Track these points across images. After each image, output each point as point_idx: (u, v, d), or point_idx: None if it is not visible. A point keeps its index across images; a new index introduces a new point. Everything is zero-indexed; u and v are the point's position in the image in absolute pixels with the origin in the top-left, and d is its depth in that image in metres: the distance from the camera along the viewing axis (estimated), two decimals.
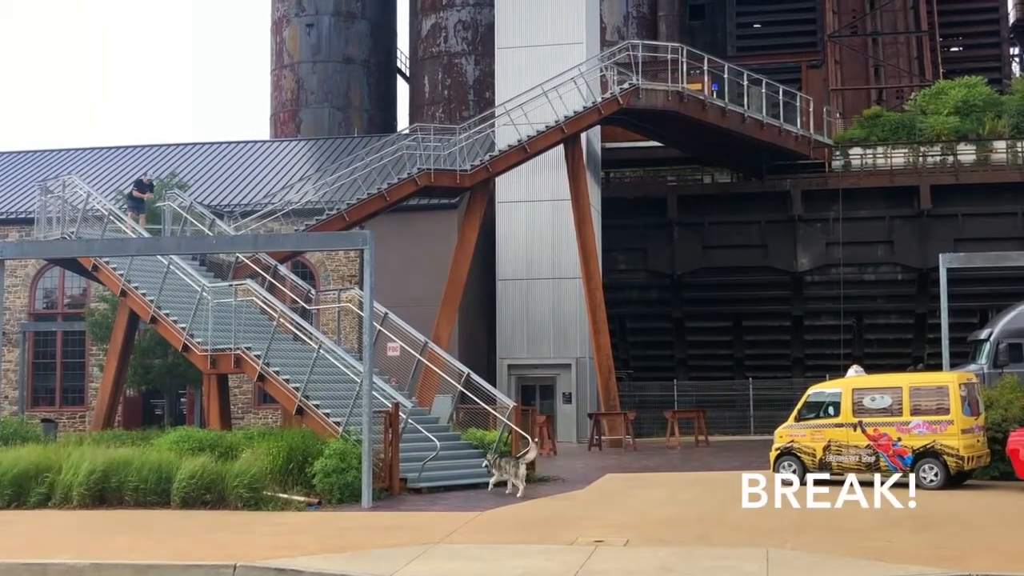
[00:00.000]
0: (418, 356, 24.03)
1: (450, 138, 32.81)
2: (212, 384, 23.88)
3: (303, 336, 23.40)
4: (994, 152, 38.25)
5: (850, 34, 49.08)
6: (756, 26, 54.78)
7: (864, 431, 19.24)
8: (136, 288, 25.42)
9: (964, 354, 29.64)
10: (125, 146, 45.01)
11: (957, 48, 54.04)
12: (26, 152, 45.12)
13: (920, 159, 38.52)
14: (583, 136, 34.12)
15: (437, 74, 48.91)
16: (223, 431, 21.82)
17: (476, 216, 32.70)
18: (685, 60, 34.30)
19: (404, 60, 55.28)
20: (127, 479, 17.91)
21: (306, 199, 33.73)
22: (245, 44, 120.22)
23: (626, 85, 33.13)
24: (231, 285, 24.05)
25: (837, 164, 39.05)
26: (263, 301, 24.01)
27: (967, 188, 37.55)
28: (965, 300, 34.19)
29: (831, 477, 18.07)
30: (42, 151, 45.15)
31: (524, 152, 32.57)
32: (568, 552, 13.18)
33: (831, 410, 19.75)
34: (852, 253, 38.01)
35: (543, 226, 36.10)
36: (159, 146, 44.63)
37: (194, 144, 44.62)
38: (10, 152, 45.16)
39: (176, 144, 44.68)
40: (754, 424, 36.47)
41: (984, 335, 28.91)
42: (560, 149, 33.35)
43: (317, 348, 21.77)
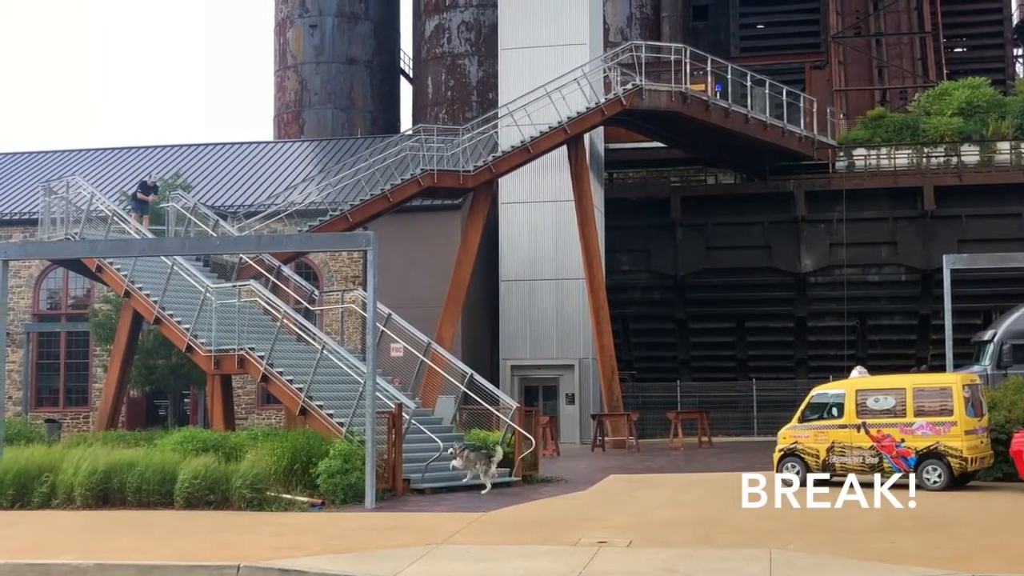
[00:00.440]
0: (421, 357, 24.01)
1: (453, 139, 32.82)
2: (216, 385, 23.93)
3: (307, 337, 23.44)
4: (998, 153, 38.25)
5: (854, 35, 49.10)
6: (759, 27, 54.73)
7: (868, 432, 19.21)
8: (140, 289, 25.46)
9: (968, 355, 29.59)
10: (128, 147, 45.03)
11: (961, 49, 53.99)
12: (29, 153, 45.16)
13: (924, 160, 38.52)
14: (586, 137, 34.14)
15: (440, 75, 48.92)
16: (227, 432, 21.87)
17: (479, 217, 32.74)
18: (688, 61, 34.30)
19: (407, 61, 55.35)
20: (130, 479, 17.90)
21: (309, 200, 33.80)
22: (248, 45, 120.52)
23: (629, 86, 33.12)
24: (235, 286, 24.09)
25: (841, 165, 39.05)
26: (267, 302, 24.03)
27: (971, 189, 37.57)
28: (969, 301, 34.20)
29: (834, 478, 18.05)
30: (45, 152, 45.19)
31: (527, 153, 32.58)
32: (571, 553, 13.18)
33: (835, 411, 19.74)
34: (856, 254, 38.02)
35: (546, 227, 36.09)
36: (162, 147, 44.65)
37: (197, 145, 44.64)
38: (13, 153, 45.21)
39: (180, 145, 44.69)
40: (757, 425, 36.40)
41: (988, 336, 28.86)
42: (563, 150, 33.37)
43: (320, 349, 21.79)
